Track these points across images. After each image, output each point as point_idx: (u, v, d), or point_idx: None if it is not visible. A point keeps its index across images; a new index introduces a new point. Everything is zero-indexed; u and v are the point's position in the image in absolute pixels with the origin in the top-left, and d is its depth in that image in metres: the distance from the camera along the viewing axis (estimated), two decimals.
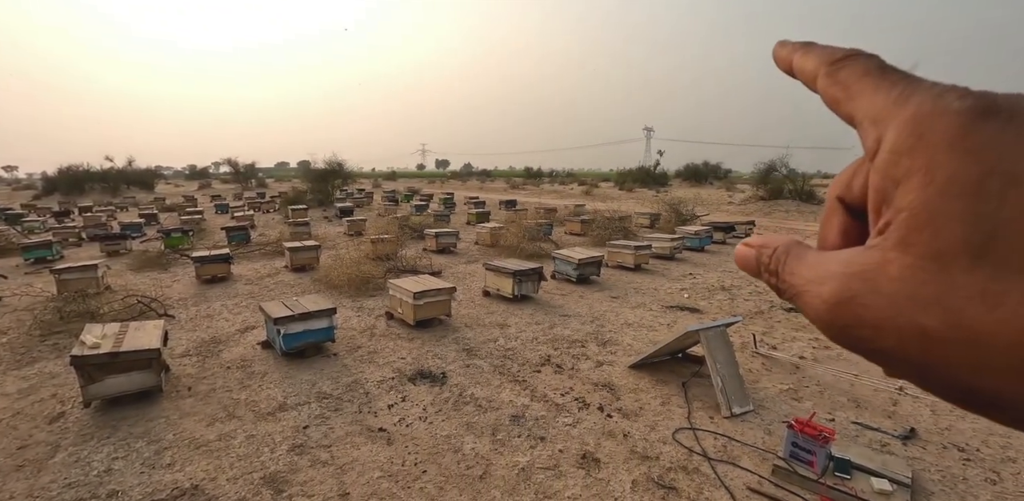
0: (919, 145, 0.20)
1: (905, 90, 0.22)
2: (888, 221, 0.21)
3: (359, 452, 3.29)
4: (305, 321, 4.72)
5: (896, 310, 0.20)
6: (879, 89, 0.22)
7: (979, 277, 0.18)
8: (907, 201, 0.20)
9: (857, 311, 0.21)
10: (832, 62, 0.25)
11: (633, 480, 3.00)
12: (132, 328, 4.26)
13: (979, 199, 0.19)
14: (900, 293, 0.20)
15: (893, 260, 0.20)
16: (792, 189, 22.19)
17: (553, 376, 4.49)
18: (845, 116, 0.24)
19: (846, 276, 0.21)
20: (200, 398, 4.04)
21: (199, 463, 3.16)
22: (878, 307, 0.20)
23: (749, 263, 0.28)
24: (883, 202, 0.22)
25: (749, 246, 0.28)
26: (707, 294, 7.52)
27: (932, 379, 0.20)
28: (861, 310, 0.21)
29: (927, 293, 0.19)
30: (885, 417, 3.79)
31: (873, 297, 0.20)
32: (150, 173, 43.35)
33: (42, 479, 3.00)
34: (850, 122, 0.24)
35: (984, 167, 0.19)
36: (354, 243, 11.32)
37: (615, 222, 12.56)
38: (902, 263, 0.20)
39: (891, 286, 0.20)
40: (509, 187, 45.13)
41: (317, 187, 24.06)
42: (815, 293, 0.22)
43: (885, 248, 0.21)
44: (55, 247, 10.32)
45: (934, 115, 0.20)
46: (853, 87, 0.23)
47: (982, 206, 0.18)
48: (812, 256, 0.24)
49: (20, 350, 5.13)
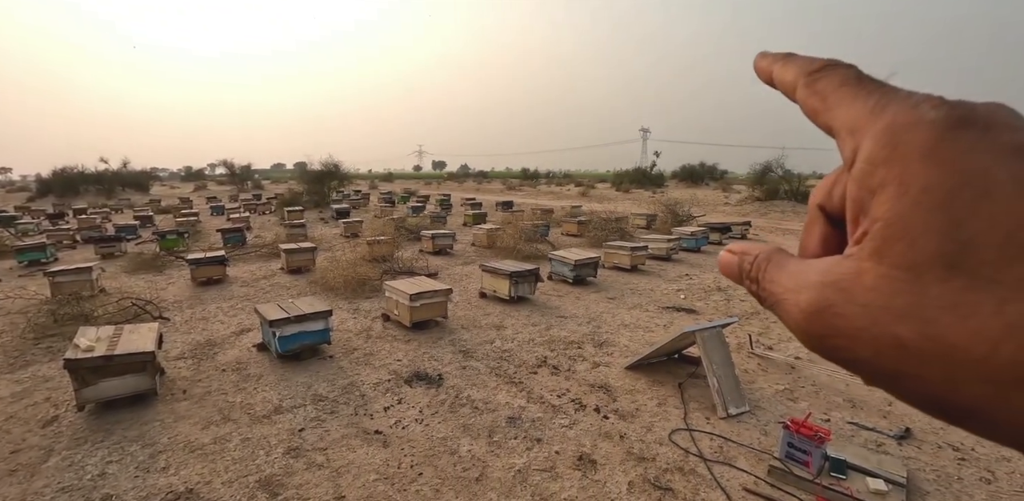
0: (894, 155, 0.20)
1: (881, 100, 0.22)
2: (865, 231, 0.21)
3: (355, 455, 3.28)
4: (301, 323, 4.71)
5: (871, 320, 0.20)
6: (856, 99, 0.22)
7: (952, 287, 0.18)
8: (882, 211, 0.20)
9: (833, 321, 0.21)
10: (810, 73, 0.25)
11: (629, 481, 3.00)
12: (126, 331, 4.23)
13: (952, 210, 0.19)
14: (875, 303, 0.20)
15: (868, 270, 0.20)
16: (788, 190, 22.30)
17: (549, 377, 4.49)
18: (824, 126, 0.24)
19: (823, 285, 0.21)
20: (195, 401, 4.02)
21: (194, 467, 3.14)
22: (854, 317, 0.20)
23: (731, 270, 0.28)
24: (860, 212, 0.22)
25: (732, 253, 0.29)
26: (703, 295, 7.54)
27: (907, 390, 0.20)
28: (837, 320, 0.20)
29: (901, 303, 0.19)
30: (880, 417, 3.81)
31: (849, 307, 0.20)
32: (145, 175, 43.09)
33: (35, 483, 2.98)
34: (829, 132, 0.24)
35: (957, 178, 0.19)
36: (350, 245, 11.30)
37: (611, 223, 12.57)
38: (877, 273, 0.20)
39: (866, 296, 0.20)
40: (506, 188, 45.15)
41: (313, 189, 24.01)
42: (793, 302, 0.22)
43: (861, 258, 0.21)
44: (49, 249, 10.25)
45: (908, 125, 0.20)
46: (831, 98, 0.23)
47: (955, 217, 0.18)
48: (792, 265, 0.24)
49: (13, 353, 5.10)
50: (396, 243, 10.12)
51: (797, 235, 14.54)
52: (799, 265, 0.24)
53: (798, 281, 0.23)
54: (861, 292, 0.20)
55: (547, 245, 11.06)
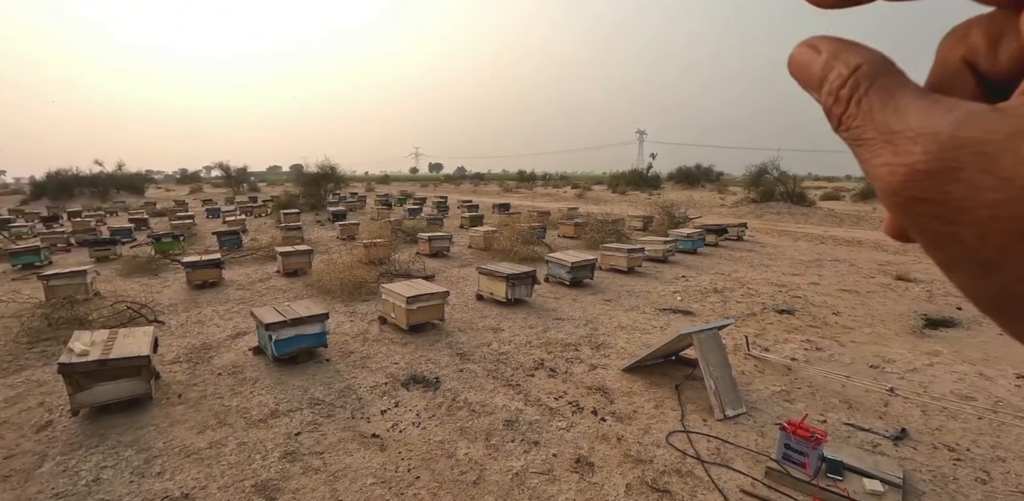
0: None
1: None
2: None
3: (352, 458, 3.27)
4: (297, 326, 4.69)
5: (1008, 199, 0.15)
6: None
7: None
8: None
9: (949, 187, 0.16)
10: None
11: (627, 484, 3.00)
12: (121, 335, 4.21)
13: None
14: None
15: None
16: (783, 191, 22.40)
17: (547, 380, 4.48)
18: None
19: (955, 140, 0.16)
20: (191, 405, 4.00)
21: (190, 471, 3.12)
22: (984, 189, 0.15)
23: (808, 73, 0.21)
24: None
25: (815, 49, 0.21)
26: (700, 296, 7.56)
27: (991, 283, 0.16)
28: (955, 187, 0.16)
29: None
30: (876, 418, 3.82)
31: (982, 177, 0.15)
32: (140, 177, 42.94)
33: (29, 489, 2.95)
34: None
35: None
36: (347, 247, 11.28)
37: (608, 225, 12.60)
38: None
39: (1017, 169, 0.15)
40: (502, 190, 45.20)
41: (309, 191, 23.94)
42: (901, 149, 0.17)
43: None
44: (43, 253, 10.19)
45: None
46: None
47: None
48: (909, 96, 0.18)
49: (7, 358, 5.06)
50: (393, 246, 10.11)
51: (794, 236, 14.61)
52: (921, 100, 0.18)
53: (915, 123, 0.17)
54: (1011, 162, 0.15)
55: (544, 247, 11.07)
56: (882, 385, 4.34)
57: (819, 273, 9.32)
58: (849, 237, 14.28)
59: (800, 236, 14.68)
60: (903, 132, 0.17)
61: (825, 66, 0.20)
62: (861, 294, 7.69)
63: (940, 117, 0.17)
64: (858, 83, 0.19)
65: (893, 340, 5.62)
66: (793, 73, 0.21)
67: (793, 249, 12.28)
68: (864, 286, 8.20)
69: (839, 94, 0.19)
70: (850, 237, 14.26)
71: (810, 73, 0.20)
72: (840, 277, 8.97)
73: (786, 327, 6.04)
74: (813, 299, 7.37)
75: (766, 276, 9.02)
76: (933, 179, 0.16)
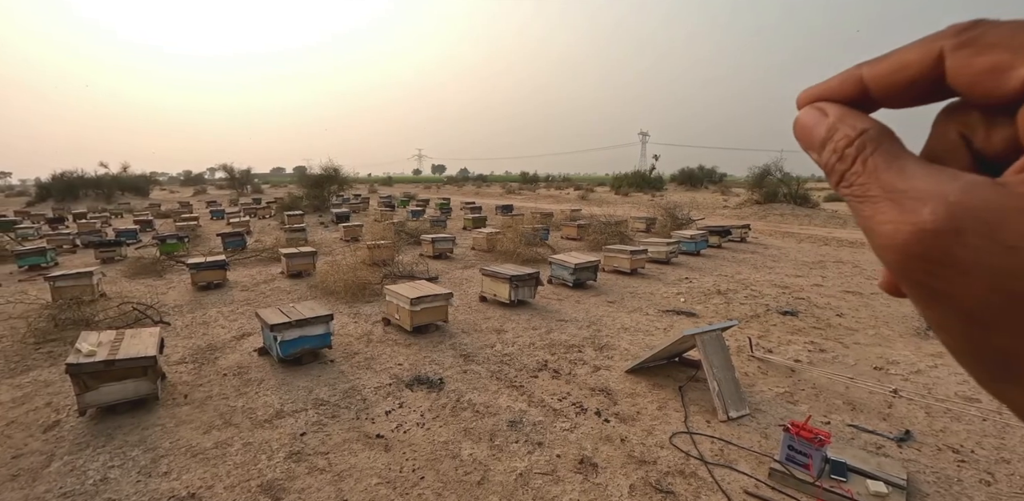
0: None
1: None
2: None
3: (357, 459, 3.28)
4: (302, 327, 4.72)
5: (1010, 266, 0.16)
6: None
7: None
8: None
9: (954, 249, 0.17)
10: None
11: (631, 485, 3.01)
12: (128, 335, 4.24)
13: None
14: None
15: None
16: (787, 193, 22.32)
17: (550, 381, 4.49)
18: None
19: (961, 204, 0.17)
20: (196, 406, 4.03)
21: (196, 471, 3.14)
22: (985, 254, 0.16)
23: (813, 132, 0.22)
24: None
25: (822, 112, 0.22)
26: (703, 298, 7.56)
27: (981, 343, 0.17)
28: (960, 250, 0.17)
29: None
30: (880, 419, 3.82)
31: (983, 242, 0.16)
32: (145, 179, 43.15)
33: (37, 489, 2.98)
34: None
35: None
36: (350, 249, 11.31)
37: (611, 227, 12.59)
38: None
39: (1017, 239, 0.16)
40: (505, 192, 45.24)
41: (313, 193, 24.01)
42: (908, 209, 0.18)
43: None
44: (49, 254, 10.26)
45: None
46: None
47: None
48: (913, 163, 0.19)
49: (14, 358, 5.10)
50: (396, 247, 10.14)
51: (798, 237, 14.57)
52: (924, 167, 0.19)
53: (922, 185, 0.18)
54: (1013, 232, 0.16)
55: (547, 249, 11.08)
56: (886, 387, 4.33)
57: (823, 275, 9.30)
58: (853, 239, 14.24)
59: (804, 238, 14.65)
60: (908, 192, 0.18)
61: (831, 128, 0.21)
62: (865, 296, 7.67)
63: (947, 182, 0.18)
64: (864, 144, 0.20)
65: (897, 342, 5.61)
66: (797, 133, 0.22)
67: (797, 251, 12.26)
68: (868, 288, 8.18)
69: (844, 152, 0.20)
70: (854, 239, 14.21)
71: (815, 133, 0.21)
72: (844, 279, 8.95)
73: (790, 329, 6.03)
74: (817, 301, 7.35)
75: (769, 278, 9.00)
76: (939, 239, 0.17)
